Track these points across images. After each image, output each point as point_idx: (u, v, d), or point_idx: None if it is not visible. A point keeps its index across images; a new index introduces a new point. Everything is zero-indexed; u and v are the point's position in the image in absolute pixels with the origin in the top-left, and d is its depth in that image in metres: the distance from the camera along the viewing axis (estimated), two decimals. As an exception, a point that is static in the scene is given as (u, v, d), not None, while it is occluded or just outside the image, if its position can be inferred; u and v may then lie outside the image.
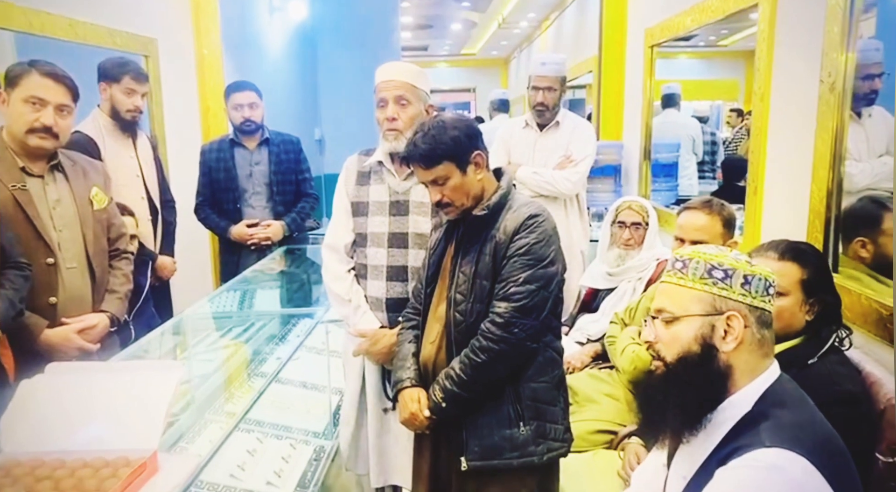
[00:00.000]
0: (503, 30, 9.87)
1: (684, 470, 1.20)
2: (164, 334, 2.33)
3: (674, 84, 4.25)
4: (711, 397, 1.16)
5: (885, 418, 1.49)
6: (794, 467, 1.02)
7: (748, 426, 1.12)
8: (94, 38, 2.91)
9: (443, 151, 1.56)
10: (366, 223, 1.94)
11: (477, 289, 1.59)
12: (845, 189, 1.93)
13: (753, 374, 1.17)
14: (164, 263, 2.85)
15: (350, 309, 1.95)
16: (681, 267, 1.21)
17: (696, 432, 1.16)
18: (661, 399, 1.22)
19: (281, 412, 2.25)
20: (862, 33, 2.13)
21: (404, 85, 1.85)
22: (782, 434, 1.07)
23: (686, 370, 1.17)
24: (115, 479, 1.08)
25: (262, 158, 3.19)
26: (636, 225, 2.62)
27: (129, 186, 2.63)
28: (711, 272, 1.17)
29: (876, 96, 2.01)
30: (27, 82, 1.82)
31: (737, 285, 1.16)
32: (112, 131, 2.66)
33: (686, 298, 1.19)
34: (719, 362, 1.16)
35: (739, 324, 1.15)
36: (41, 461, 1.14)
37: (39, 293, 1.82)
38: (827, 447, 1.08)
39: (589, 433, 2.10)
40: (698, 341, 1.17)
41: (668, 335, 1.20)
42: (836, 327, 1.58)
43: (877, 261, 1.83)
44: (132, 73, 2.62)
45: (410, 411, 1.64)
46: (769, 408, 1.12)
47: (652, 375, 1.26)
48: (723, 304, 1.16)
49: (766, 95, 2.28)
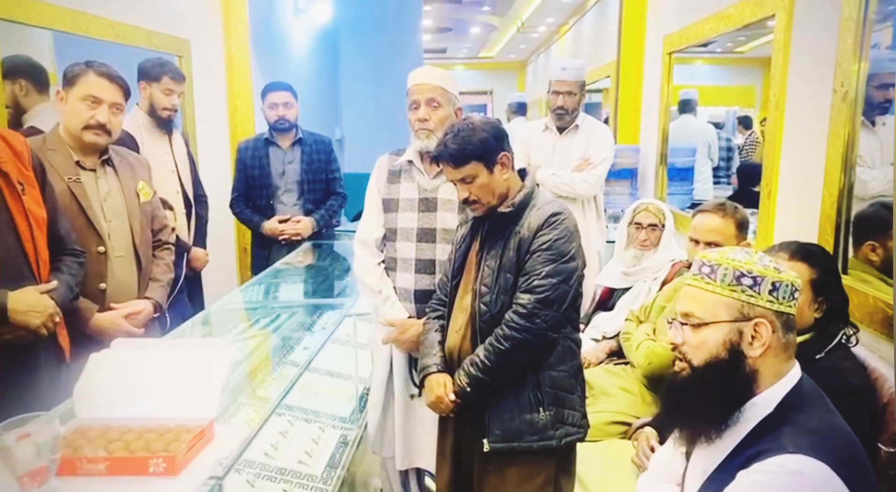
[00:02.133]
0: (522, 33, 9.95)
1: (705, 465, 1.24)
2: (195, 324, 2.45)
3: (691, 90, 4.32)
4: (736, 401, 1.19)
5: (888, 410, 1.57)
6: (814, 474, 1.05)
7: (771, 429, 1.15)
8: (133, 40, 3.04)
9: (471, 152, 1.65)
10: (396, 219, 2.05)
11: (501, 281, 1.69)
12: (856, 195, 2.00)
13: (777, 376, 1.19)
14: (198, 254, 2.97)
15: (380, 299, 2.06)
16: (708, 272, 1.22)
17: (721, 434, 1.20)
18: (688, 402, 1.25)
19: (309, 398, 2.36)
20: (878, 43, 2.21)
21: (436, 88, 1.96)
22: (805, 440, 1.09)
23: (713, 375, 1.19)
24: (179, 442, 1.20)
25: (294, 157, 3.32)
26: (652, 226, 2.71)
27: (165, 181, 2.75)
28: (740, 279, 1.18)
29: (890, 105, 2.08)
30: (84, 82, 1.94)
31: (765, 292, 1.18)
32: (149, 128, 2.79)
33: (714, 303, 1.20)
34: (746, 367, 1.18)
35: (767, 330, 1.17)
36: (109, 426, 1.26)
37: (91, 280, 1.94)
38: (847, 454, 1.11)
39: (604, 424, 2.19)
40: (726, 347, 1.19)
41: (695, 340, 1.22)
42: (844, 325, 1.66)
43: (886, 264, 1.90)
44: (171, 73, 2.75)
45: (436, 395, 1.73)
46: (791, 412, 1.15)
47: (677, 376, 1.29)
48: (750, 310, 1.18)
49: (782, 103, 2.36)
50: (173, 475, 1.15)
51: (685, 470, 1.34)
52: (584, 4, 7.13)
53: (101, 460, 1.15)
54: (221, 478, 1.13)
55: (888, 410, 1.57)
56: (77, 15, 2.65)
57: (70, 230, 1.82)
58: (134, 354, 1.39)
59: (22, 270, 1.58)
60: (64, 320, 1.70)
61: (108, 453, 1.17)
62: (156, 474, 1.15)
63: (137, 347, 1.44)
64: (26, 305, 1.53)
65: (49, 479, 1.09)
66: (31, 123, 2.33)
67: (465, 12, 9.19)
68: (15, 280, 1.55)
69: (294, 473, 1.93)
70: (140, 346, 1.48)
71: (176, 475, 1.15)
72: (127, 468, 1.16)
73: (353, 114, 6.33)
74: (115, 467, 1.16)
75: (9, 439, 1.05)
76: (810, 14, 2.22)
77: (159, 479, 1.15)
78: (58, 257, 1.74)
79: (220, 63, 3.95)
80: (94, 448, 1.18)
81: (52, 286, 1.63)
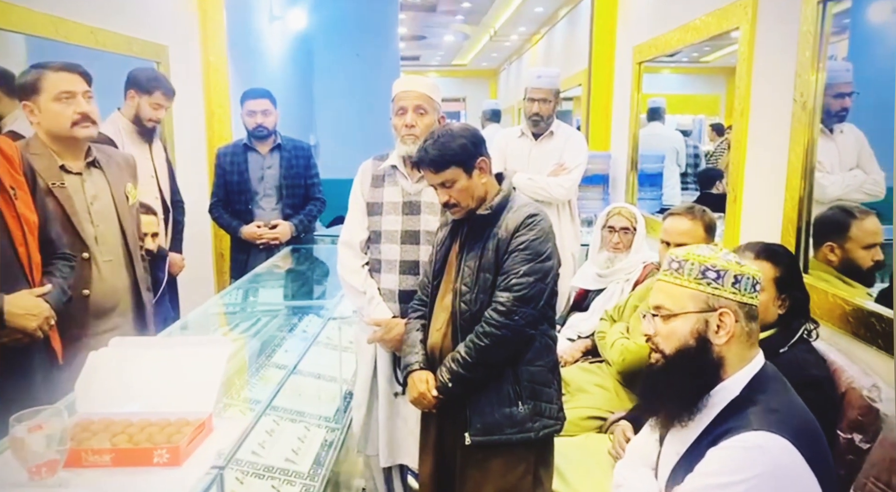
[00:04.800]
0: (494, 42, 10.09)
1: (677, 447, 1.33)
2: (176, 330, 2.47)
3: (659, 98, 4.45)
4: (706, 385, 1.29)
5: (846, 399, 1.68)
6: (777, 448, 1.15)
7: (737, 410, 1.25)
8: (112, 46, 3.05)
9: (451, 157, 1.72)
10: (380, 222, 2.11)
11: (480, 281, 1.75)
12: (816, 199, 2.12)
13: (742, 362, 1.29)
14: (175, 259, 3.00)
15: (364, 300, 2.11)
16: (677, 267, 1.32)
17: (693, 416, 1.29)
18: (661, 388, 1.35)
19: (294, 399, 2.40)
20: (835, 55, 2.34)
21: (423, 96, 2.03)
22: (767, 418, 1.19)
23: (683, 362, 1.30)
24: (180, 435, 1.23)
25: (273, 163, 3.36)
26: (625, 230, 2.81)
27: (145, 187, 2.77)
28: (706, 273, 1.29)
29: (846, 113, 2.21)
30: (48, 82, 1.90)
31: (728, 284, 1.28)
32: (130, 134, 2.80)
33: (682, 296, 1.30)
34: (713, 354, 1.28)
35: (731, 319, 1.27)
36: (112, 420, 1.29)
37: (74, 286, 1.93)
38: (806, 431, 1.21)
39: (581, 419, 2.27)
40: (694, 336, 1.28)
41: (666, 330, 1.32)
42: (805, 320, 1.76)
43: (843, 264, 2.01)
44: (163, 89, 2.79)
45: (419, 391, 1.79)
46: (756, 394, 1.25)
47: (652, 366, 1.38)
48: (715, 301, 1.28)
49: (746, 112, 2.48)
50: (177, 466, 1.19)
51: (659, 454, 1.43)
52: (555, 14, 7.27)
53: (106, 451, 1.18)
54: (223, 468, 1.17)
55: (845, 399, 1.68)
56: (57, 21, 2.66)
57: (61, 234, 1.84)
58: (132, 352, 1.43)
59: (16, 274, 1.60)
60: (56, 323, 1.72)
61: (112, 445, 1.20)
62: (160, 464, 1.19)
63: (135, 346, 1.48)
64: (23, 308, 1.55)
65: (58, 470, 1.12)
66: (11, 128, 2.33)
67: (439, 21, 9.29)
68: (10, 284, 1.57)
69: (281, 470, 1.97)
70: (138, 344, 1.51)
71: (179, 465, 1.19)
72: (132, 460, 1.19)
73: (328, 120, 6.36)
74: (120, 459, 1.19)
75: (21, 430, 1.08)
76: (772, 27, 2.34)
77: (164, 469, 1.18)
78: (50, 261, 1.76)
79: (197, 69, 3.97)
80: (99, 441, 1.21)
81: (46, 289, 1.65)
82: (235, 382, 2.41)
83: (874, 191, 2.19)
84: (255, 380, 2.46)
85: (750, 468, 1.15)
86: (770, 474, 1.14)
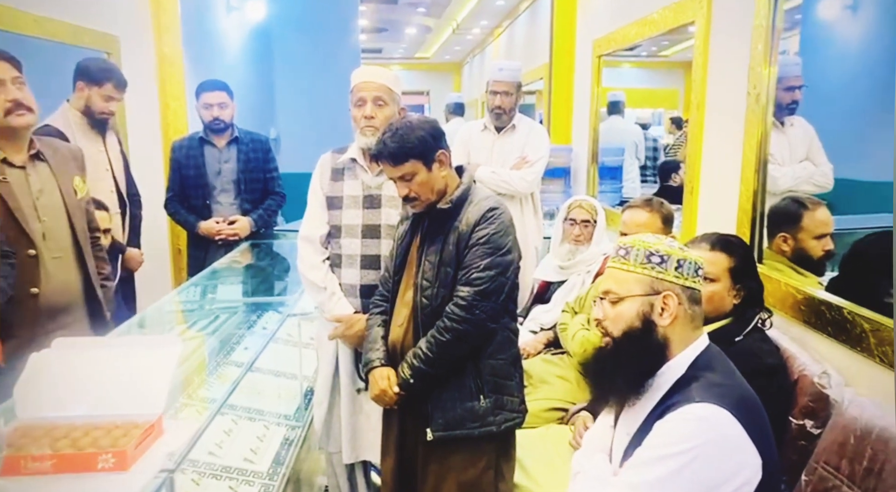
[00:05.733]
0: (457, 35, 10.08)
1: (628, 427, 1.37)
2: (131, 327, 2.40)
3: (619, 92, 4.50)
4: (652, 365, 1.34)
5: (798, 386, 1.72)
6: (718, 419, 1.21)
7: (682, 386, 1.30)
8: (60, 35, 2.94)
9: (410, 150, 1.70)
10: (340, 216, 2.08)
11: (441, 275, 1.74)
12: (769, 190, 2.16)
13: (686, 343, 1.34)
14: (133, 255, 2.91)
15: (325, 296, 2.08)
16: (624, 254, 1.37)
17: (641, 395, 1.34)
18: (610, 369, 1.39)
19: (253, 397, 2.35)
20: (787, 50, 2.39)
21: (382, 87, 2.00)
22: (710, 391, 1.25)
23: (630, 343, 1.34)
24: (128, 438, 1.19)
25: (231, 157, 3.28)
26: (585, 222, 2.83)
27: (100, 180, 2.68)
28: (650, 258, 1.34)
29: (797, 106, 2.26)
30: None
31: (671, 269, 1.33)
32: (82, 127, 2.70)
33: (629, 280, 1.35)
34: (657, 335, 1.33)
35: (674, 302, 1.32)
36: (55, 425, 1.23)
37: (21, 285, 1.85)
38: (745, 402, 1.27)
39: (543, 411, 2.28)
40: (640, 318, 1.33)
41: (614, 313, 1.37)
42: (759, 310, 1.80)
43: (796, 254, 2.06)
44: (115, 80, 2.68)
45: (380, 388, 1.77)
46: (699, 371, 1.31)
47: (602, 349, 1.43)
48: (659, 285, 1.33)
49: (702, 105, 2.52)
50: (123, 470, 1.15)
51: (613, 438, 1.45)
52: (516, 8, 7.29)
53: (46, 457, 1.13)
54: (173, 471, 1.14)
55: (798, 386, 1.72)
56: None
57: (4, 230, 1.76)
58: (77, 352, 1.37)
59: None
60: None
61: (53, 450, 1.15)
62: (105, 469, 1.15)
63: (80, 346, 1.42)
64: None
65: (-7, 478, 1.07)
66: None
67: (401, 13, 9.23)
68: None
69: (239, 470, 1.93)
70: (83, 344, 1.45)
71: (126, 470, 1.15)
72: (74, 465, 1.15)
73: (289, 113, 6.25)
74: (62, 465, 1.14)
75: (-49, 438, 1.03)
76: (726, 21, 2.38)
77: (109, 475, 1.14)
78: None
79: (150, 61, 3.85)
80: (39, 447, 1.16)
81: None
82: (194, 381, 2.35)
83: (823, 182, 2.25)
84: (214, 379, 2.41)
85: (693, 438, 1.20)
86: (712, 442, 1.20)
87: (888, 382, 1.55)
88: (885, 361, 1.55)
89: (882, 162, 2.31)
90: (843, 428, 1.51)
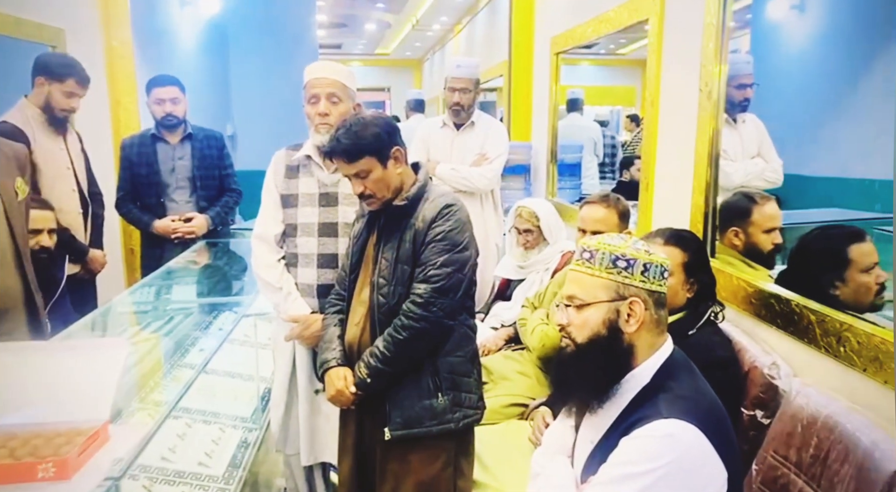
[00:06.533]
0: (417, 31, 10.04)
1: (591, 435, 1.35)
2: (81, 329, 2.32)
3: (577, 89, 4.55)
4: (617, 373, 1.31)
5: (749, 378, 1.76)
6: (686, 436, 1.19)
7: (648, 397, 1.27)
8: (0, 28, 2.82)
9: (364, 147, 1.67)
10: (295, 214, 2.04)
11: (398, 273, 1.72)
12: (721, 185, 2.20)
13: (652, 350, 1.31)
14: (95, 256, 2.83)
15: (281, 296, 2.04)
16: (588, 257, 1.33)
17: (604, 403, 1.31)
18: (573, 375, 1.36)
19: (208, 400, 2.30)
20: (738, 48, 2.44)
21: (336, 83, 1.96)
22: (677, 405, 1.22)
23: (595, 350, 1.30)
24: (71, 446, 1.14)
25: (184, 153, 3.20)
26: (528, 231, 2.85)
27: (60, 179, 2.60)
28: (616, 262, 1.30)
29: (748, 104, 2.31)
30: None
31: (637, 273, 1.29)
32: (41, 124, 2.62)
33: (594, 285, 1.31)
34: (623, 342, 1.29)
35: (640, 308, 1.28)
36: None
37: None
38: (712, 415, 1.25)
39: (503, 407, 2.29)
40: (605, 325, 1.29)
41: (579, 319, 1.32)
42: (712, 303, 1.83)
43: (747, 248, 2.11)
44: (77, 76, 2.60)
45: (337, 388, 1.75)
46: (665, 380, 1.28)
47: (564, 352, 1.39)
48: (625, 290, 1.29)
49: (656, 102, 2.56)
50: (65, 480, 1.10)
51: (574, 442, 1.45)
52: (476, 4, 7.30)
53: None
54: (118, 478, 1.10)
55: (749, 377, 1.76)
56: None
57: None
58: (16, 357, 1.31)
59: None
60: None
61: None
62: (45, 479, 1.10)
63: (19, 351, 1.36)
64: None
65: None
66: None
67: (360, 8, 9.16)
68: None
69: (194, 475, 1.89)
70: (22, 349, 1.39)
71: (68, 479, 1.10)
72: (11, 476, 1.10)
73: (246, 109, 6.14)
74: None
75: None
76: (679, 19, 2.41)
77: (50, 484, 1.09)
78: None
79: (99, 55, 3.72)
80: (-26, 459, 1.11)
81: None
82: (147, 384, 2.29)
83: (773, 178, 2.31)
84: (168, 381, 2.35)
85: (662, 456, 1.18)
86: (680, 460, 1.18)
87: (833, 371, 1.60)
88: (830, 352, 1.60)
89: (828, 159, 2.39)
90: (791, 417, 1.55)
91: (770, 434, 1.62)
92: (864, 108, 2.22)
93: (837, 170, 2.34)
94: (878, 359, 1.45)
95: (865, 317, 1.56)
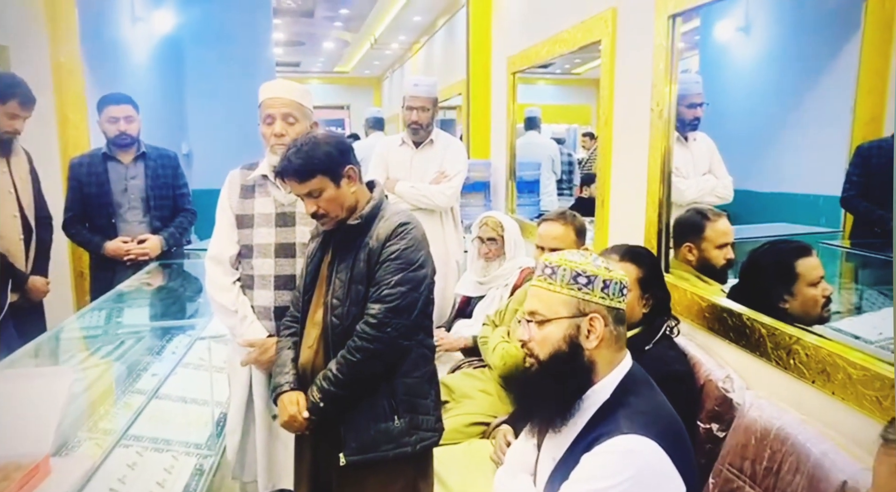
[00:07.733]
0: (375, 50, 10.07)
1: (553, 452, 1.35)
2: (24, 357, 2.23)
3: (534, 108, 4.60)
4: (578, 389, 1.31)
5: (704, 391, 1.79)
6: (646, 451, 1.20)
7: (608, 412, 1.28)
8: (-62, 44, 2.72)
9: (316, 166, 1.65)
10: (251, 235, 2.00)
11: (352, 293, 1.69)
12: (674, 202, 2.25)
13: (612, 365, 1.33)
14: (36, 284, 2.71)
15: (237, 319, 1.99)
16: (550, 273, 1.34)
17: (567, 421, 1.31)
18: (535, 392, 1.37)
19: (160, 426, 2.22)
20: (689, 68, 2.51)
21: (292, 103, 1.94)
22: (636, 421, 1.23)
23: (556, 366, 1.31)
24: (8, 482, 1.08)
25: (138, 173, 3.12)
26: (492, 240, 2.87)
27: (2, 203, 2.49)
28: (577, 279, 1.31)
29: (699, 122, 2.37)
30: None
31: (598, 290, 1.31)
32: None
33: (555, 301, 1.32)
34: (584, 358, 1.31)
35: (600, 324, 1.30)
36: (-77, 473, 1.12)
37: None
38: (670, 430, 1.27)
39: (464, 426, 2.27)
40: (566, 341, 1.31)
41: (540, 335, 1.33)
42: (667, 318, 1.86)
43: (701, 263, 2.15)
44: (21, 97, 2.52)
45: (290, 414, 1.70)
46: (625, 396, 1.29)
47: (527, 371, 1.40)
48: (586, 306, 1.31)
49: (610, 120, 2.61)
50: (3, 518, 1.05)
51: (537, 459, 1.44)
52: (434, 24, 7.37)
53: (-89, 510, 1.02)
54: (60, 516, 1.05)
55: (704, 391, 1.79)
56: None
57: None
58: (-50, 390, 1.25)
59: None
60: None
61: (-80, 501, 1.04)
62: (-19, 519, 1.05)
63: (-45, 383, 1.30)
64: None
65: None
66: None
67: (318, 27, 9.14)
68: None
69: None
70: (-42, 381, 1.33)
71: (6, 518, 1.05)
72: (-56, 517, 1.04)
73: (201, 128, 6.05)
74: (-70, 517, 1.04)
75: None
76: (630, 40, 2.47)
77: (-14, 524, 1.04)
78: None
79: (46, 72, 3.61)
80: None
81: None
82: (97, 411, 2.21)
83: (724, 194, 2.38)
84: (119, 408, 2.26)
85: (622, 472, 1.19)
86: (640, 475, 1.19)
87: (784, 383, 1.63)
88: (780, 364, 1.64)
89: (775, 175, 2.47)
90: (745, 430, 1.58)
91: (725, 447, 1.64)
92: (808, 126, 2.31)
93: (785, 185, 2.42)
94: (826, 371, 1.49)
95: (813, 330, 1.61)
